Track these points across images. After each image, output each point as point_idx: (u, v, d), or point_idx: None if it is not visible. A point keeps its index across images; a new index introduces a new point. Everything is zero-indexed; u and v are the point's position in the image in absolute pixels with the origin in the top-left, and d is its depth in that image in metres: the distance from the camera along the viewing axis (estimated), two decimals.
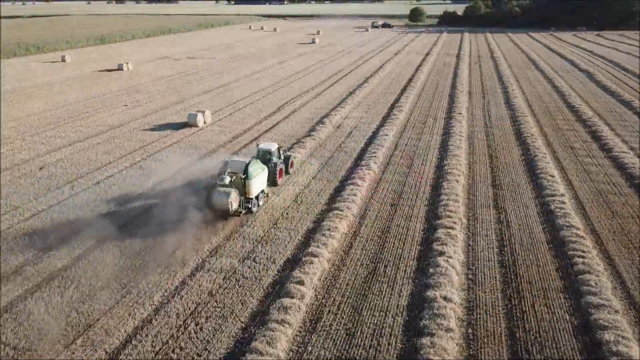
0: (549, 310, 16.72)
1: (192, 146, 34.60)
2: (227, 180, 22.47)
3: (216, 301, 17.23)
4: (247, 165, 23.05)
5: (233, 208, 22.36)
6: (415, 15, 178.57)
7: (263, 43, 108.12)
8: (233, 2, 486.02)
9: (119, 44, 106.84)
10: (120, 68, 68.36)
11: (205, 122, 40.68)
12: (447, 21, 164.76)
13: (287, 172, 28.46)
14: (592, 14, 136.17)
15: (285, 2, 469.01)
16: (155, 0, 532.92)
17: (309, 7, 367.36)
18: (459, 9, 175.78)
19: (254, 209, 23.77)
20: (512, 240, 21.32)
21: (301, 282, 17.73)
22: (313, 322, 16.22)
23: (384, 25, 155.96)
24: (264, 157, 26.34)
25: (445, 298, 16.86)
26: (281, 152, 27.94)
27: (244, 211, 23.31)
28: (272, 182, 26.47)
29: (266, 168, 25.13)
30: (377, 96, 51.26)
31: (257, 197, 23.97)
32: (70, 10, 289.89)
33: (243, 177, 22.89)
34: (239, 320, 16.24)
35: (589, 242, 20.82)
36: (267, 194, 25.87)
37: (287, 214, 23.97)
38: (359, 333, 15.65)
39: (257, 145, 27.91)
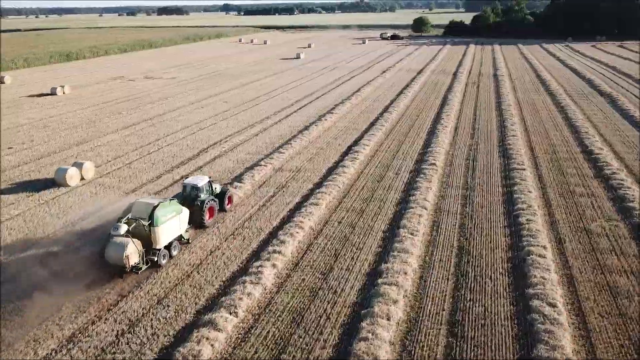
0: None
1: (32, 226, 23.83)
2: (123, 229, 18.54)
3: None
4: (153, 209, 19.07)
5: (131, 263, 18.44)
6: (418, 25, 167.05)
7: (244, 58, 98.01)
8: (242, 13, 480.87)
9: (85, 61, 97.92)
10: (53, 93, 58.50)
11: (83, 178, 30.06)
12: (454, 31, 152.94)
13: (222, 210, 24.58)
14: (612, 22, 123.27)
15: (296, 12, 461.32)
16: (165, 12, 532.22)
17: (319, 17, 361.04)
18: (470, 18, 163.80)
19: (163, 262, 19.67)
20: None
21: None
22: None
23: (394, 37, 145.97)
24: (191, 193, 22.85)
25: None
26: (214, 186, 24.30)
27: (144, 267, 19.06)
28: (198, 223, 22.62)
29: (185, 209, 21.10)
30: (337, 133, 40.09)
31: (169, 246, 20.08)
32: (72, 24, 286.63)
33: (147, 224, 18.92)
34: None
35: None
36: (188, 239, 21.51)
37: None
38: None
39: (183, 179, 25.11)
